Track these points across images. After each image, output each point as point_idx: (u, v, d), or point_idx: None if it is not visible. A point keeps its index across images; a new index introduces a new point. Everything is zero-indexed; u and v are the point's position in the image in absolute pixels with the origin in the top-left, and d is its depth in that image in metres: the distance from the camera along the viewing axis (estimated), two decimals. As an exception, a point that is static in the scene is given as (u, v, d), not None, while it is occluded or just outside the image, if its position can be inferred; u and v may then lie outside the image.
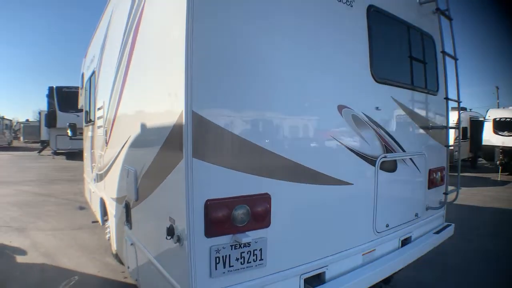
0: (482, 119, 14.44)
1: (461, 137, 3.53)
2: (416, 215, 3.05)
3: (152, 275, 2.24)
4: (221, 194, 1.74)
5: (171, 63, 1.84)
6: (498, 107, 28.22)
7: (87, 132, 5.93)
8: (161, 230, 1.91)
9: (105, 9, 4.49)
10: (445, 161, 3.48)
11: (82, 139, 7.80)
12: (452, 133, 13.89)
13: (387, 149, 2.61)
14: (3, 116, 34.61)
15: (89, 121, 5.46)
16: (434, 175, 3.28)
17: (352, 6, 2.39)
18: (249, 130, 1.86)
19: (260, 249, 1.87)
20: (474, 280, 4.11)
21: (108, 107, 3.60)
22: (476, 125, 14.85)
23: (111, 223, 3.77)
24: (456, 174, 3.61)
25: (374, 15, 2.55)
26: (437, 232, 3.31)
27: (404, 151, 2.80)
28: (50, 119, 17.21)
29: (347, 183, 2.29)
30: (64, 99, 16.61)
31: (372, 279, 2.44)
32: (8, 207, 7.18)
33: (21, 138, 39.06)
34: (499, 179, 12.67)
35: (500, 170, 13.11)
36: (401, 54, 2.96)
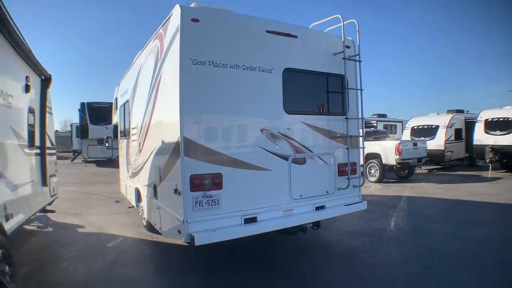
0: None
1: (364, 144, 5.12)
2: (327, 192, 5.18)
3: (167, 218, 4.57)
4: (197, 172, 4.03)
5: (173, 112, 4.14)
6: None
7: (122, 144, 8.44)
8: (171, 191, 4.21)
9: (135, 60, 6.96)
10: (355, 158, 5.53)
11: (114, 148, 10.43)
12: (443, 134, 15.59)
13: (297, 151, 4.81)
14: None
15: (124, 135, 7.94)
16: (344, 168, 5.37)
17: (271, 72, 4.63)
18: (211, 143, 4.16)
19: (217, 199, 4.14)
20: (393, 245, 6.04)
21: (141, 128, 5.99)
22: (471, 126, 16.31)
23: (144, 202, 6.15)
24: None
25: (288, 73, 4.77)
26: (347, 205, 5.40)
27: (312, 152, 4.98)
28: (83, 131, 20.38)
29: (268, 169, 4.53)
30: (95, 113, 19.74)
31: (288, 223, 4.65)
32: (63, 201, 9.67)
33: (51, 148, 42.94)
34: (489, 176, 14.24)
35: (490, 167, 14.70)
36: (311, 92, 5.17)
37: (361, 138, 5.62)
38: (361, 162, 5.67)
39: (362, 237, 6.31)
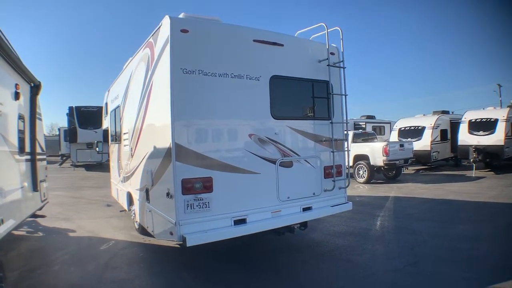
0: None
1: (349, 147, 5.39)
2: (314, 193, 5.42)
3: (159, 220, 4.77)
4: (188, 176, 4.24)
5: (165, 119, 4.34)
6: (501, 106, 29.80)
7: (113, 148, 8.58)
8: (164, 195, 4.42)
9: (125, 67, 7.13)
10: (340, 160, 5.81)
11: (104, 153, 10.55)
12: (429, 135, 16.06)
13: (284, 155, 5.06)
14: None
15: (115, 140, 8.09)
16: (330, 170, 5.63)
17: (259, 80, 4.87)
18: (202, 148, 4.38)
19: (208, 202, 4.35)
20: (378, 244, 6.38)
21: (133, 133, 6.17)
22: (456, 127, 16.82)
23: (136, 205, 6.32)
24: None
25: (275, 80, 5.02)
26: (333, 206, 5.66)
27: (298, 155, 5.23)
28: (71, 135, 20.36)
29: (256, 173, 4.77)
30: (83, 117, 19.75)
31: (276, 224, 4.90)
32: (52, 206, 9.57)
33: (38, 152, 42.26)
34: (473, 176, 14.70)
35: (474, 167, 15.21)
36: (297, 98, 5.44)
37: (346, 141, 5.89)
38: (347, 164, 5.95)
39: (349, 237, 6.56)
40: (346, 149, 5.90)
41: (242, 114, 4.77)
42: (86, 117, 19.71)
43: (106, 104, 9.65)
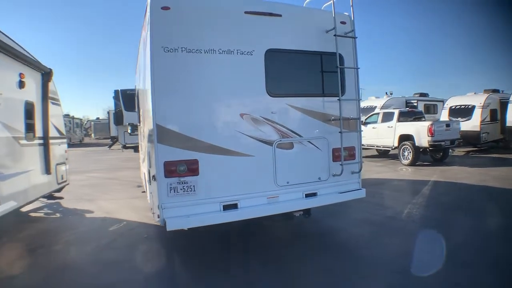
0: (512, 100, 14.51)
1: (360, 127, 4.70)
2: (319, 178, 4.87)
3: (154, 203, 4.55)
4: (171, 158, 3.96)
5: (149, 100, 4.06)
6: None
7: (139, 130, 8.61)
8: (153, 177, 4.18)
9: (138, 50, 6.97)
10: (353, 142, 5.13)
11: (135, 134, 10.70)
12: (479, 115, 14.37)
13: (283, 136, 4.55)
14: (73, 116, 40.35)
15: (139, 122, 8.10)
16: (339, 152, 5.00)
17: (252, 55, 4.38)
18: (184, 129, 4.05)
19: (193, 186, 4.05)
20: (395, 236, 5.65)
21: (142, 115, 6.02)
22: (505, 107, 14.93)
23: (147, 186, 6.22)
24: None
25: (271, 54, 4.49)
26: (342, 193, 5.01)
27: (300, 136, 4.68)
28: (118, 117, 21.02)
29: (250, 155, 4.35)
30: (128, 100, 20.21)
31: (272, 211, 4.46)
32: (81, 188, 10.02)
33: (92, 135, 45.01)
34: None
35: None
36: (299, 73, 4.84)
37: (359, 121, 5.23)
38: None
39: (368, 226, 5.93)
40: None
41: (232, 93, 4.34)
42: (131, 100, 20.03)
43: (135, 87, 9.70)
